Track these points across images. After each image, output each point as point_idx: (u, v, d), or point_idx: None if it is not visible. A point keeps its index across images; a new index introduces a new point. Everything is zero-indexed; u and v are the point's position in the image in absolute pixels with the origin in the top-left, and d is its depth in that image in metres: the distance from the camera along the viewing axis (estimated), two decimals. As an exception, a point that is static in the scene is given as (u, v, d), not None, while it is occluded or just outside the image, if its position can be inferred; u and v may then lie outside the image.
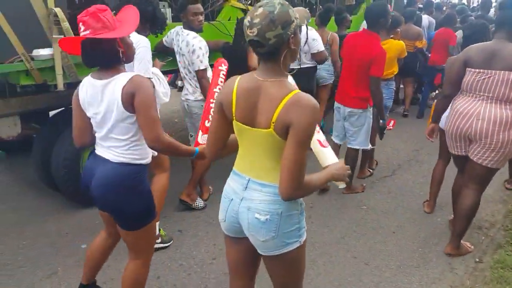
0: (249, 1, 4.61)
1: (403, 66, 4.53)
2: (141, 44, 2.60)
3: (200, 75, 3.29)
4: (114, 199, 1.94)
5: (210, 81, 2.92)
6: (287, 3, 1.49)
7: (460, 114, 2.84)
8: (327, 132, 4.89)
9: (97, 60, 1.89)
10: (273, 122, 1.48)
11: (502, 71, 2.65)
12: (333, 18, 5.15)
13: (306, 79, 4.22)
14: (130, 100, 1.81)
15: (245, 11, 4.45)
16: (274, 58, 1.51)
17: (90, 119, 1.98)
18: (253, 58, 3.71)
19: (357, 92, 3.58)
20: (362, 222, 3.52)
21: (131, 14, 1.99)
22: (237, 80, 1.61)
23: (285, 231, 1.59)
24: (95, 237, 2.37)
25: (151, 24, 2.90)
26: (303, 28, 3.98)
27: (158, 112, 1.98)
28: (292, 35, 1.48)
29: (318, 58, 4.29)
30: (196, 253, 3.04)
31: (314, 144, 1.89)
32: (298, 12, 1.69)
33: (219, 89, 2.41)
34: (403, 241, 3.23)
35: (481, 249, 3.16)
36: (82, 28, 1.82)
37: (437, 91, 6.89)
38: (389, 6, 4.08)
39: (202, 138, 2.36)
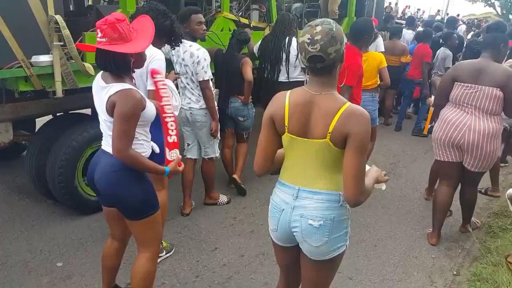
0: (241, 13, 4.70)
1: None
2: (156, 57, 2.61)
3: (204, 85, 3.37)
4: (116, 189, 2.05)
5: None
6: (331, 21, 1.63)
7: (452, 124, 3.15)
8: None
9: (108, 65, 2.00)
10: (329, 132, 1.60)
11: (487, 87, 2.99)
12: None
13: None
14: (112, 109, 1.96)
15: (237, 22, 4.54)
16: (330, 72, 1.64)
17: None
18: (249, 71, 3.80)
19: None
20: (343, 236, 3.55)
21: (147, 27, 2.07)
22: (287, 94, 1.72)
23: (336, 235, 1.71)
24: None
25: (168, 39, 2.87)
26: (293, 42, 4.04)
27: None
28: (344, 51, 1.63)
29: None
30: (179, 271, 2.97)
31: None
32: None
33: (167, 100, 2.39)
34: (385, 255, 3.28)
35: (458, 262, 3.25)
36: (100, 34, 1.92)
37: (412, 106, 7.12)
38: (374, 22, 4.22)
39: (170, 155, 2.34)
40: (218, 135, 3.67)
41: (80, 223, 3.54)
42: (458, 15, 24.40)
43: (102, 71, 2.09)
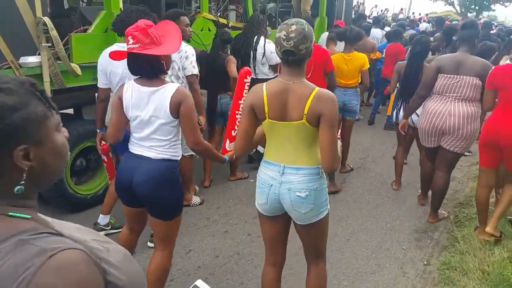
0: (219, 13, 4.87)
1: None
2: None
3: (192, 79, 3.41)
4: (157, 191, 2.15)
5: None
6: (303, 21, 1.89)
7: (434, 114, 3.50)
8: None
9: (143, 70, 2.13)
10: (305, 114, 1.88)
11: (468, 76, 3.36)
12: None
13: None
14: (177, 108, 2.10)
15: (216, 22, 4.70)
16: (300, 64, 1.92)
17: (128, 120, 2.23)
18: (233, 68, 3.96)
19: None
20: (317, 232, 3.59)
21: (173, 30, 2.24)
22: (264, 86, 1.98)
23: (319, 202, 2.01)
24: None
25: None
26: (261, 41, 4.27)
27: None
28: (312, 48, 1.91)
29: (276, 68, 4.41)
30: (153, 275, 2.92)
31: None
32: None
33: (244, 100, 2.58)
34: (358, 248, 3.34)
35: (428, 252, 3.34)
36: (131, 41, 2.03)
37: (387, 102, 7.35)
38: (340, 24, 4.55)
39: (229, 146, 2.73)
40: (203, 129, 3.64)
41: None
42: (426, 14, 25.13)
43: (133, 80, 2.19)
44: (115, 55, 2.24)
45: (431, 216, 3.78)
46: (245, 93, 3.32)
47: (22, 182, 0.79)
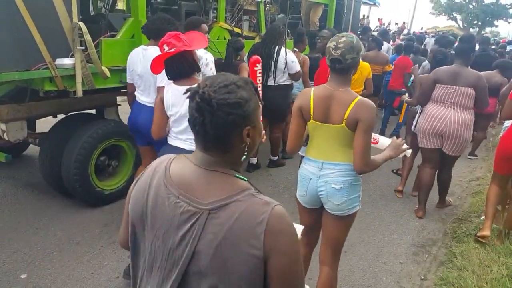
0: (234, 23, 5.12)
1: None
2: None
3: None
4: None
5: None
6: (353, 35, 2.13)
7: (435, 117, 3.84)
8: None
9: (181, 71, 2.44)
10: (345, 119, 2.09)
11: (463, 87, 3.72)
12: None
13: (282, 96, 4.63)
14: None
15: (231, 32, 4.91)
16: (346, 73, 2.13)
17: (168, 117, 2.53)
18: (245, 75, 4.08)
19: None
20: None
21: (199, 37, 2.62)
22: (311, 90, 2.22)
23: (352, 196, 2.22)
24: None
25: None
26: (282, 51, 4.46)
27: None
28: (359, 60, 2.13)
29: (296, 77, 4.66)
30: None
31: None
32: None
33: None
34: (354, 261, 3.32)
35: (425, 267, 3.33)
36: (167, 48, 2.36)
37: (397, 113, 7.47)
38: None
39: None
40: None
41: (45, 233, 3.43)
42: (421, 28, 25.30)
43: (171, 83, 2.48)
44: (155, 69, 2.49)
45: (440, 202, 4.32)
46: (259, 80, 3.67)
47: (245, 153, 1.10)
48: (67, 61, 3.24)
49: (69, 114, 4.12)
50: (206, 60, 3.48)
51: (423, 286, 3.10)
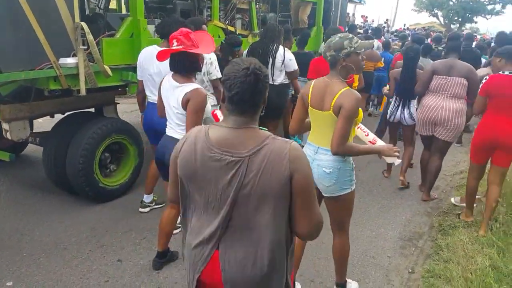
0: (227, 21, 5.23)
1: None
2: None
3: (216, 83, 3.79)
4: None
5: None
6: (349, 36, 2.40)
7: (429, 107, 4.26)
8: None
9: (183, 67, 2.64)
10: (332, 106, 2.33)
11: (457, 77, 4.12)
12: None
13: (280, 94, 4.65)
14: (185, 103, 2.60)
15: (225, 30, 5.00)
16: (334, 68, 2.41)
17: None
18: None
19: None
20: (303, 240, 3.61)
21: (207, 38, 2.83)
22: (313, 81, 2.50)
23: (341, 180, 2.45)
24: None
25: None
26: (280, 49, 4.53)
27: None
28: (343, 57, 2.35)
29: (293, 75, 4.70)
30: (139, 284, 2.90)
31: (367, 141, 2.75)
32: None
33: None
34: None
35: (412, 260, 3.39)
36: (176, 43, 2.55)
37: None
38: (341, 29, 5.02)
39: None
40: None
41: (31, 238, 3.39)
42: (404, 24, 25.59)
43: (171, 74, 2.70)
44: (160, 57, 2.67)
45: (425, 194, 4.50)
46: None
47: (263, 113, 1.54)
48: (70, 61, 3.34)
49: (70, 113, 4.20)
50: (210, 59, 3.69)
51: (410, 279, 3.15)
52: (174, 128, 2.76)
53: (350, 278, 2.94)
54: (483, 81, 3.64)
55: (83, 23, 3.32)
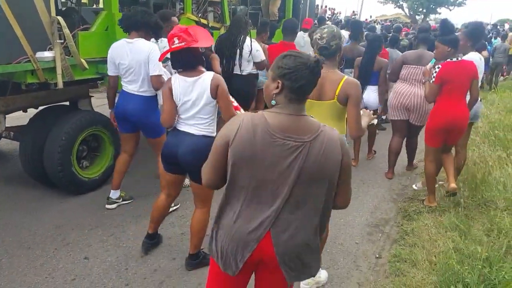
0: (200, 14, 5.36)
1: None
2: (155, 49, 3.39)
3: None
4: (198, 161, 2.33)
5: None
6: (334, 27, 2.57)
7: (402, 94, 4.63)
8: None
9: (188, 63, 2.68)
10: (336, 95, 2.45)
11: (426, 66, 4.23)
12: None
13: (248, 84, 4.75)
14: (215, 90, 2.66)
15: (198, 23, 5.02)
16: (332, 57, 2.52)
17: (176, 106, 2.73)
18: (217, 65, 4.27)
19: None
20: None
21: (202, 32, 2.83)
22: None
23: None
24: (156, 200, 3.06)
25: (154, 32, 3.51)
26: (247, 40, 4.60)
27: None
28: (342, 44, 2.55)
29: (261, 65, 4.77)
30: (107, 281, 2.85)
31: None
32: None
33: None
34: (327, 250, 3.38)
35: (379, 246, 3.48)
36: (177, 41, 2.57)
37: None
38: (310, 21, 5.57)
39: None
40: None
41: (-8, 240, 3.26)
42: (370, 16, 25.98)
43: (177, 73, 2.72)
44: (162, 57, 2.89)
45: (409, 165, 5.17)
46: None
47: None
48: (47, 54, 3.37)
49: (46, 106, 4.18)
50: None
51: (378, 264, 3.23)
52: (191, 124, 2.74)
53: (321, 266, 2.98)
54: (436, 69, 3.83)
55: (59, 17, 3.34)
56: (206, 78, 2.66)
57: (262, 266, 1.71)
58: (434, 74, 3.83)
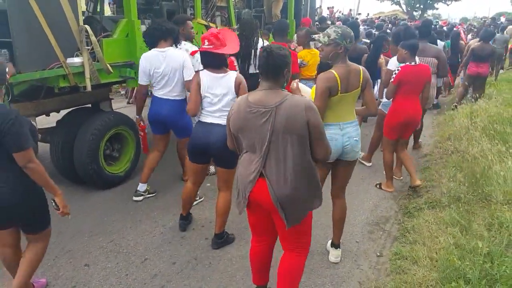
0: (209, 19, 5.66)
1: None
2: (197, 56, 3.67)
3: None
4: (226, 147, 2.66)
5: None
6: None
7: None
8: None
9: (214, 63, 3.11)
10: (361, 84, 2.88)
11: (429, 58, 5.09)
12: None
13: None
14: (238, 86, 3.11)
15: (207, 27, 5.31)
16: (346, 54, 2.88)
17: (202, 98, 3.13)
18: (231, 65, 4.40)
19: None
20: (274, 232, 3.63)
21: (232, 36, 3.28)
22: (334, 73, 2.81)
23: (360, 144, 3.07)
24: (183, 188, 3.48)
25: (176, 39, 3.90)
26: (260, 41, 4.92)
27: None
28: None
29: None
30: (108, 287, 2.84)
31: None
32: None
33: None
34: (313, 244, 3.30)
35: (380, 244, 3.46)
36: (207, 42, 3.02)
37: None
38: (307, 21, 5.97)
39: None
40: None
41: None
42: (368, 14, 25.95)
43: (205, 70, 3.14)
44: (193, 53, 3.52)
45: (416, 144, 5.75)
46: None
47: (285, 82, 2.27)
48: (76, 60, 3.67)
49: (72, 109, 4.49)
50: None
51: (379, 262, 3.22)
52: (218, 115, 3.12)
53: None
54: (396, 71, 4.23)
55: (86, 26, 3.65)
56: (231, 76, 3.11)
57: (269, 210, 2.29)
58: (394, 75, 4.22)
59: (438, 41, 7.46)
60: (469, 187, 4.15)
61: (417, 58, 4.56)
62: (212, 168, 4.39)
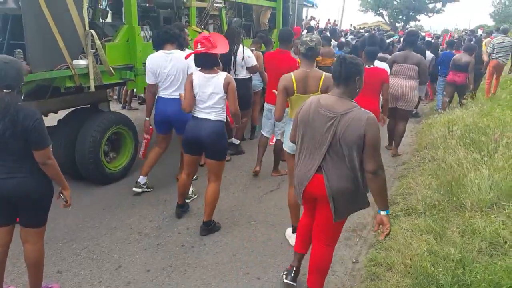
0: (203, 26, 6.00)
1: None
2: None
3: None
4: (216, 140, 3.40)
5: None
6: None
7: (392, 86, 5.55)
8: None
9: (207, 63, 3.37)
10: (320, 88, 3.19)
11: (411, 65, 5.72)
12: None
13: (244, 87, 5.26)
14: (226, 86, 3.37)
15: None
16: (314, 58, 3.27)
17: (195, 95, 3.41)
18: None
19: None
20: (252, 237, 3.64)
21: (222, 40, 3.55)
22: (291, 75, 3.22)
23: None
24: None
25: (181, 44, 4.17)
26: (240, 48, 5.23)
27: None
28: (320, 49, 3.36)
29: (253, 70, 5.51)
30: (79, 294, 2.80)
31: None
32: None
33: None
34: (291, 251, 3.38)
35: (356, 250, 3.49)
36: (199, 45, 3.27)
37: None
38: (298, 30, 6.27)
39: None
40: None
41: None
42: (351, 25, 26.35)
43: (198, 70, 3.41)
44: (188, 56, 3.59)
45: (394, 150, 6.04)
46: None
47: (357, 90, 2.50)
48: (82, 62, 3.90)
49: (73, 109, 4.69)
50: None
51: (354, 268, 3.24)
52: (208, 112, 3.42)
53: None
54: None
55: (91, 30, 3.89)
56: (221, 76, 3.37)
57: (317, 201, 2.57)
58: None
59: (428, 52, 8.01)
60: (444, 195, 4.22)
61: (377, 62, 5.04)
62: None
